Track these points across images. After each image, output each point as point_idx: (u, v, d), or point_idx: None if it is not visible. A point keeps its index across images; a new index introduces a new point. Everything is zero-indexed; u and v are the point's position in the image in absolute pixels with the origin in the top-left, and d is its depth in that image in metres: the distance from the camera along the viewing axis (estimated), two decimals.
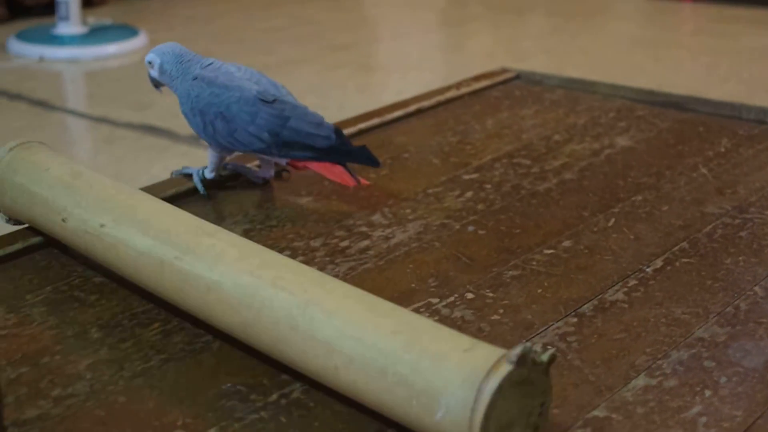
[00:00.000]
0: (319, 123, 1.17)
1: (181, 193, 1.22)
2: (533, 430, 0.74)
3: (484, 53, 3.87)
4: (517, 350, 0.70)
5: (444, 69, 3.70)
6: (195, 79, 1.18)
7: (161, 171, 2.56)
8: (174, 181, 1.24)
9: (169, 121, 2.89)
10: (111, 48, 3.78)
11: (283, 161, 1.19)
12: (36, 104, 3.19)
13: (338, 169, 1.18)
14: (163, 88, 1.23)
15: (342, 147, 1.17)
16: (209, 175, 1.22)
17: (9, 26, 4.10)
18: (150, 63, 1.20)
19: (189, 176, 1.24)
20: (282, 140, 1.16)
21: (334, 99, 3.19)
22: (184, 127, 2.85)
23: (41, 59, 3.72)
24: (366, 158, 1.19)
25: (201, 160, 2.65)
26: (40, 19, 4.11)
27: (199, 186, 1.22)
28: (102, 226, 0.96)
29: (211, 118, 1.16)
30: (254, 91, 1.16)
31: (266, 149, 1.17)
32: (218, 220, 1.15)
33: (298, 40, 3.95)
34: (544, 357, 0.72)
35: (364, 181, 1.20)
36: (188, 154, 2.69)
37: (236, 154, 1.24)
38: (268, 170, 1.24)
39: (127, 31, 3.93)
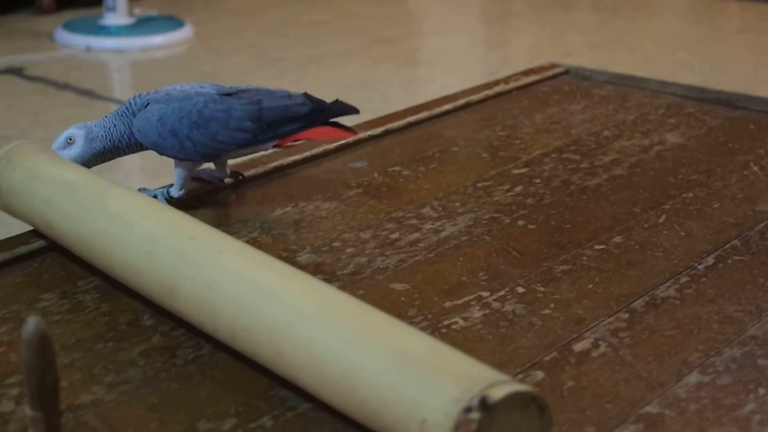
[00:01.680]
0: (288, 94, 1.13)
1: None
2: None
3: (528, 49, 3.87)
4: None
5: (489, 64, 3.69)
6: (147, 105, 1.12)
7: None
8: None
9: None
10: (157, 39, 3.80)
11: (269, 145, 1.14)
12: (83, 94, 3.21)
13: (327, 129, 1.15)
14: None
15: (321, 107, 1.13)
16: (176, 193, 1.16)
17: (57, 17, 4.13)
18: (70, 139, 1.13)
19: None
20: (265, 123, 1.11)
21: (380, 92, 3.19)
22: None
23: (88, 49, 3.74)
24: (345, 109, 1.14)
25: None
26: (87, 10, 4.13)
27: None
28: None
29: (185, 134, 1.10)
30: (213, 90, 1.12)
31: (252, 138, 1.12)
32: (268, 210, 1.15)
33: (343, 34, 3.96)
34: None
35: (353, 132, 1.18)
36: None
37: (203, 165, 1.19)
38: (223, 170, 1.20)
39: (173, 22, 3.95)
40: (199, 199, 1.18)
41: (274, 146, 1.15)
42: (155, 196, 1.15)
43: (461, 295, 0.96)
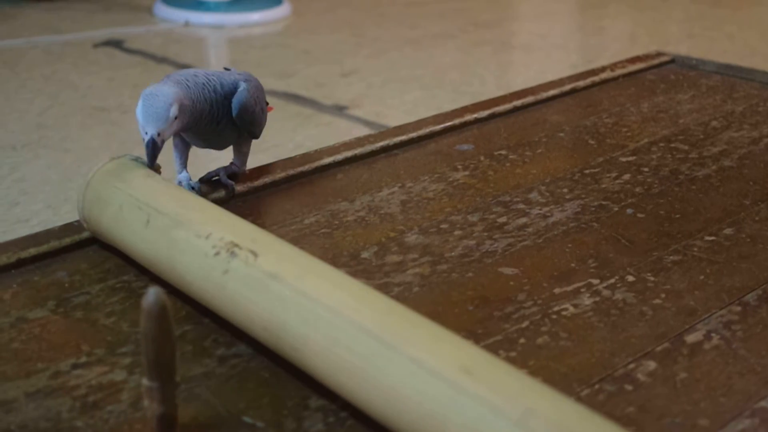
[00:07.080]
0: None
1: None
2: None
3: (626, 36, 3.83)
4: None
5: (586, 51, 3.66)
6: (238, 86, 1.09)
7: (305, 139, 2.58)
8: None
9: (313, 91, 2.91)
10: (255, 16, 3.83)
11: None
12: (181, 68, 3.23)
13: None
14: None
15: None
16: (244, 168, 1.15)
17: None
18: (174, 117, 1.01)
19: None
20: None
21: (477, 75, 3.18)
22: (328, 96, 2.87)
23: (187, 24, 3.77)
24: None
25: (345, 131, 2.67)
26: None
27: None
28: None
29: (261, 108, 1.13)
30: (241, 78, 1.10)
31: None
32: (375, 189, 1.15)
33: (441, 16, 3.95)
34: None
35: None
36: (332, 124, 2.70)
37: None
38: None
39: None
40: (306, 178, 1.18)
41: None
42: (217, 176, 1.12)
43: (571, 282, 0.96)
